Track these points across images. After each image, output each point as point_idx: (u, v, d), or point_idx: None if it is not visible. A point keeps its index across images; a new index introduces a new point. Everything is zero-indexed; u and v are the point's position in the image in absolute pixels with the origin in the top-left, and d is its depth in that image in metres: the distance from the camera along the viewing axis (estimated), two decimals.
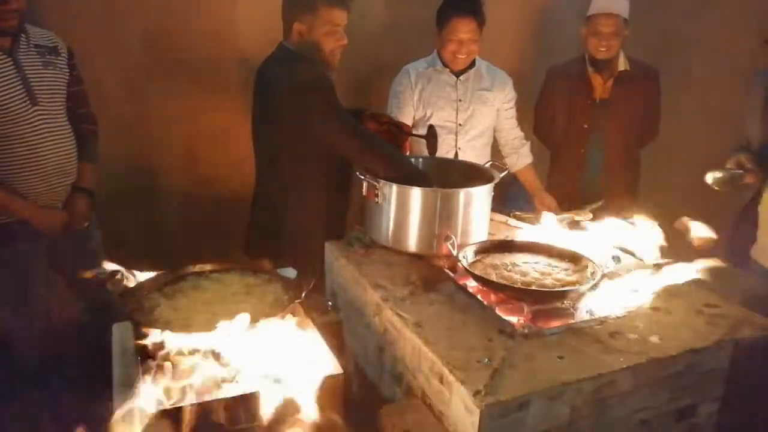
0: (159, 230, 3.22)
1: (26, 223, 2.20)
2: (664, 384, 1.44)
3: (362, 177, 1.99)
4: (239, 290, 1.62)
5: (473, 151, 2.81)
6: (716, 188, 2.19)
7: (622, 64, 2.88)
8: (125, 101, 2.99)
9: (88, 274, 1.67)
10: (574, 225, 2.18)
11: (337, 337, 1.94)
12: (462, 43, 2.62)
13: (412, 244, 1.97)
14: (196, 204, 3.29)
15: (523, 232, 2.19)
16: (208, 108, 3.20)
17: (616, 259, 1.86)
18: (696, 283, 1.74)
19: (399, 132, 2.34)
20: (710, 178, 2.19)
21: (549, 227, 2.11)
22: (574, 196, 2.81)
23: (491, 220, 2.24)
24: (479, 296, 1.77)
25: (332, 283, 2.06)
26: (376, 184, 1.97)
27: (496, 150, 3.00)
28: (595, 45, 2.80)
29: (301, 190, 2.18)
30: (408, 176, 1.97)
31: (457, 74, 2.74)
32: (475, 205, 1.99)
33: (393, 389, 1.63)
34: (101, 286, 1.56)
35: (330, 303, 2.01)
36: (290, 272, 1.99)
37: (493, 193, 2.10)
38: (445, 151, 2.77)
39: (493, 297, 1.76)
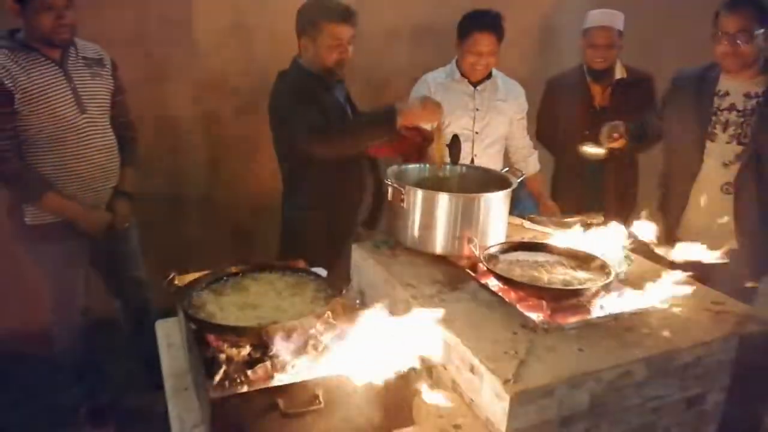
0: (183, 234, 3.36)
1: (72, 222, 2.33)
2: (674, 374, 1.57)
3: (388, 183, 2.12)
4: (280, 288, 1.74)
5: (488, 158, 2.94)
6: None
7: (618, 73, 3.03)
8: (149, 107, 3.14)
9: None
10: (587, 227, 2.31)
11: None
12: (481, 56, 2.75)
13: (436, 245, 2.10)
14: (218, 209, 3.43)
15: (539, 233, 2.31)
16: (231, 115, 3.35)
17: (628, 259, 1.98)
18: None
19: (422, 138, 2.47)
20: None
21: (566, 232, 2.23)
22: (577, 199, 2.92)
23: (508, 222, 2.38)
24: (502, 294, 1.91)
25: (359, 283, 2.18)
26: (401, 189, 2.10)
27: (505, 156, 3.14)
28: (592, 56, 2.98)
29: (305, 190, 2.34)
30: (380, 120, 2.20)
31: (475, 85, 2.87)
32: (494, 209, 2.11)
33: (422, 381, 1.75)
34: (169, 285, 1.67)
35: (358, 301, 2.14)
36: (321, 272, 2.13)
37: (510, 198, 2.24)
38: (461, 157, 2.89)
39: (512, 295, 1.89)
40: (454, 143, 2.43)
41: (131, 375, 2.72)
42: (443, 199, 2.07)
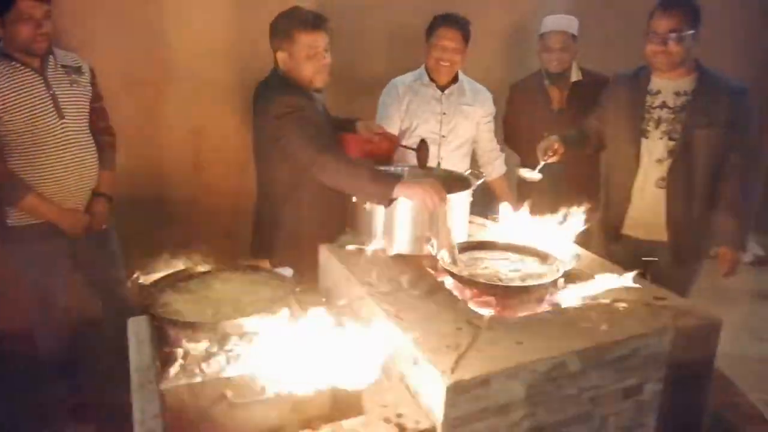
0: (165, 234, 3.44)
1: (52, 224, 2.43)
2: (610, 366, 1.65)
3: None
4: (241, 287, 1.83)
5: (454, 161, 3.03)
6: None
7: (574, 75, 3.15)
8: (133, 112, 3.24)
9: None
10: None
11: None
12: (446, 51, 2.84)
13: (399, 246, 2.19)
14: (200, 210, 3.53)
15: (495, 231, 2.40)
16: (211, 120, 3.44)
17: (577, 256, 2.07)
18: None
19: (390, 143, 2.56)
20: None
21: (515, 227, 2.31)
22: (541, 200, 2.98)
23: (472, 222, 2.47)
24: (457, 292, 2.00)
25: (326, 282, 2.28)
26: None
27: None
28: (548, 59, 3.10)
29: (292, 198, 2.39)
30: (380, 184, 2.08)
31: (442, 89, 2.96)
32: (455, 209, 2.20)
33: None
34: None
35: (324, 299, 2.23)
36: (287, 272, 2.22)
37: (471, 199, 2.33)
38: (428, 160, 2.99)
39: (468, 292, 1.98)
40: (422, 147, 2.52)
41: (113, 372, 2.80)
42: (403, 201, 2.16)
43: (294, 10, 2.34)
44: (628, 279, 1.93)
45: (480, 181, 2.37)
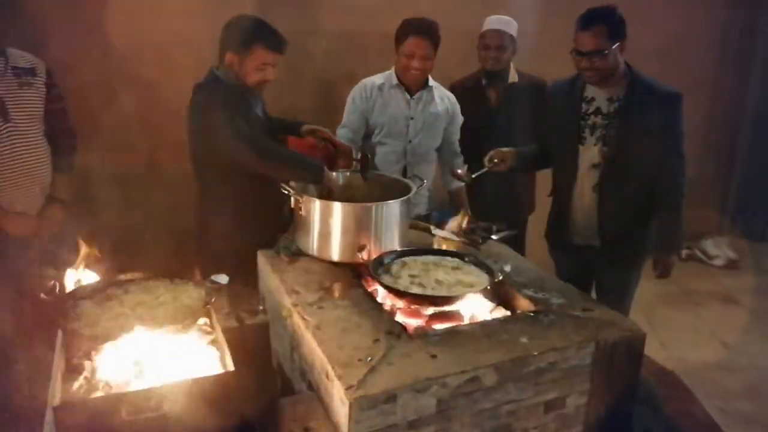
0: (126, 238, 3.41)
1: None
2: (527, 379, 1.63)
3: (286, 191, 2.18)
4: (161, 297, 1.80)
5: (420, 167, 3.00)
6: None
7: (511, 77, 3.18)
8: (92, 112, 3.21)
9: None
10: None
11: (263, 338, 2.14)
12: (414, 58, 2.81)
13: (333, 253, 2.17)
14: (159, 211, 3.49)
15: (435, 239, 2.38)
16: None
17: (508, 266, 2.05)
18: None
19: (334, 148, 2.53)
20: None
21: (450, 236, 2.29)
22: (481, 206, 2.96)
23: (415, 229, 2.45)
24: (389, 300, 1.98)
25: (263, 288, 2.25)
26: (299, 198, 2.17)
27: None
28: (485, 57, 3.13)
29: (227, 201, 2.37)
30: (308, 168, 2.25)
31: (411, 93, 2.93)
32: (389, 217, 2.18)
33: (300, 385, 1.82)
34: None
35: (261, 307, 2.21)
36: (223, 278, 2.19)
37: (412, 204, 2.30)
38: (394, 164, 2.96)
39: (397, 301, 1.96)
40: (363, 157, 2.50)
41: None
42: (337, 209, 2.14)
43: (259, 23, 2.35)
44: (560, 289, 1.91)
45: (419, 187, 2.34)
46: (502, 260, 2.21)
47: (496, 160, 2.54)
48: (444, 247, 2.24)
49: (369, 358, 1.57)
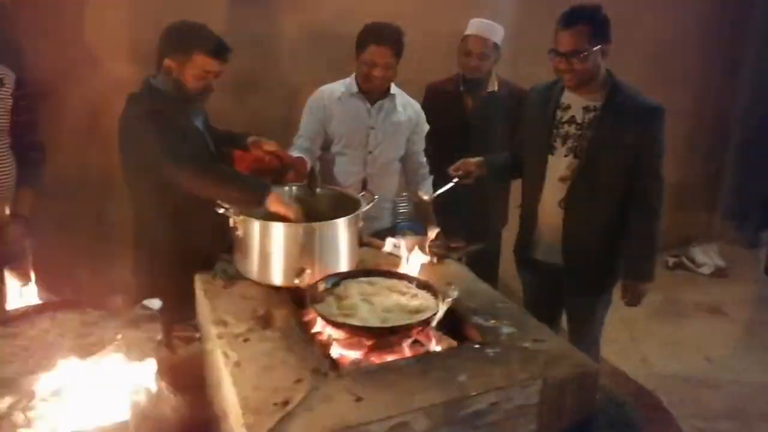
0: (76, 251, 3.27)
1: None
2: (464, 423, 1.48)
3: (222, 210, 2.03)
4: (73, 328, 1.66)
5: (381, 179, 2.85)
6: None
7: (491, 85, 3.00)
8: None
9: None
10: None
11: (197, 370, 1.99)
12: (376, 67, 2.66)
13: (274, 276, 2.02)
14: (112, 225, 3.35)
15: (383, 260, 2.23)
16: None
17: (455, 290, 1.89)
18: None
19: (281, 162, 2.38)
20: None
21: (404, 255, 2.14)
22: (449, 221, 2.67)
23: (369, 246, 2.30)
24: (328, 328, 1.82)
25: (199, 315, 2.10)
26: (236, 218, 2.02)
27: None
28: (465, 63, 2.95)
29: (163, 217, 2.21)
30: (250, 190, 2.06)
31: (372, 101, 2.78)
32: (334, 237, 2.03)
33: (223, 425, 1.67)
34: None
35: (198, 334, 2.06)
36: (155, 303, 2.04)
37: (361, 224, 2.15)
38: (353, 176, 2.81)
39: (335, 331, 1.80)
40: (311, 174, 2.35)
41: None
42: (276, 229, 1.99)
43: (200, 28, 2.21)
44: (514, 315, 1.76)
45: (369, 206, 2.19)
46: (456, 282, 2.06)
47: (461, 173, 2.40)
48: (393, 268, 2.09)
49: (286, 402, 1.42)
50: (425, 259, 2.12)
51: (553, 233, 2.38)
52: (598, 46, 2.15)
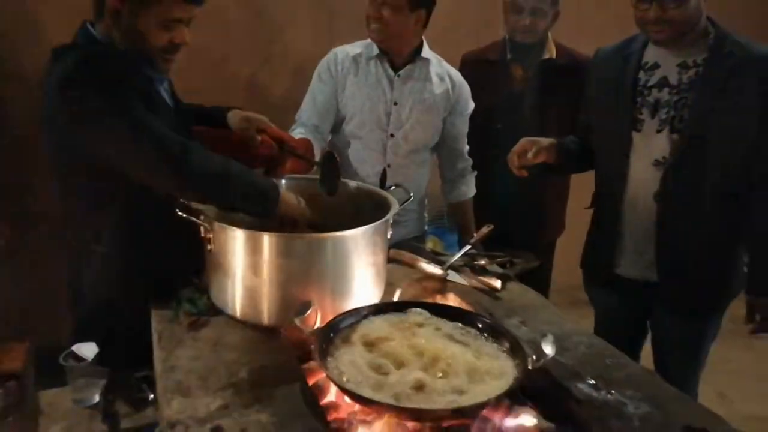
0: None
1: None
2: None
3: (184, 215, 1.37)
4: None
5: (406, 171, 2.16)
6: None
7: (547, 51, 2.29)
8: None
9: None
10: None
11: None
12: (385, 5, 1.98)
13: (262, 313, 1.36)
14: None
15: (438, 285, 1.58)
16: None
17: (550, 344, 1.22)
18: None
19: (279, 146, 1.70)
20: None
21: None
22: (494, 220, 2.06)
23: (398, 262, 1.66)
24: (346, 398, 1.16)
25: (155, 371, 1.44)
26: (207, 226, 1.36)
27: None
28: (514, 23, 2.22)
29: (106, 228, 1.51)
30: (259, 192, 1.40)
31: (397, 68, 2.11)
32: (355, 253, 1.37)
33: None
34: None
35: (151, 396, 1.41)
36: (90, 349, 1.40)
37: (390, 233, 1.50)
38: (369, 166, 2.15)
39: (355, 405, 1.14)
40: (328, 163, 1.65)
41: None
42: (266, 243, 1.33)
43: None
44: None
45: (404, 203, 1.53)
46: (532, 320, 1.40)
47: (529, 155, 1.78)
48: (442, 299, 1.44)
49: None
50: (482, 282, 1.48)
51: (645, 238, 1.80)
52: None
